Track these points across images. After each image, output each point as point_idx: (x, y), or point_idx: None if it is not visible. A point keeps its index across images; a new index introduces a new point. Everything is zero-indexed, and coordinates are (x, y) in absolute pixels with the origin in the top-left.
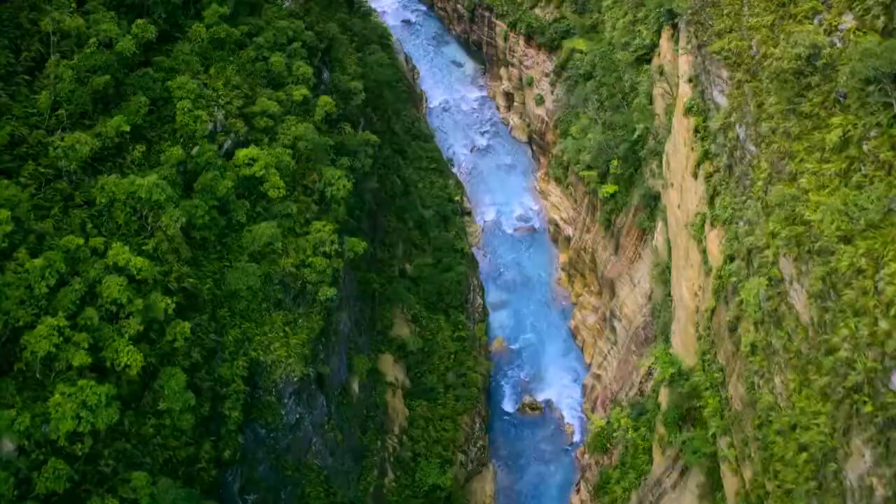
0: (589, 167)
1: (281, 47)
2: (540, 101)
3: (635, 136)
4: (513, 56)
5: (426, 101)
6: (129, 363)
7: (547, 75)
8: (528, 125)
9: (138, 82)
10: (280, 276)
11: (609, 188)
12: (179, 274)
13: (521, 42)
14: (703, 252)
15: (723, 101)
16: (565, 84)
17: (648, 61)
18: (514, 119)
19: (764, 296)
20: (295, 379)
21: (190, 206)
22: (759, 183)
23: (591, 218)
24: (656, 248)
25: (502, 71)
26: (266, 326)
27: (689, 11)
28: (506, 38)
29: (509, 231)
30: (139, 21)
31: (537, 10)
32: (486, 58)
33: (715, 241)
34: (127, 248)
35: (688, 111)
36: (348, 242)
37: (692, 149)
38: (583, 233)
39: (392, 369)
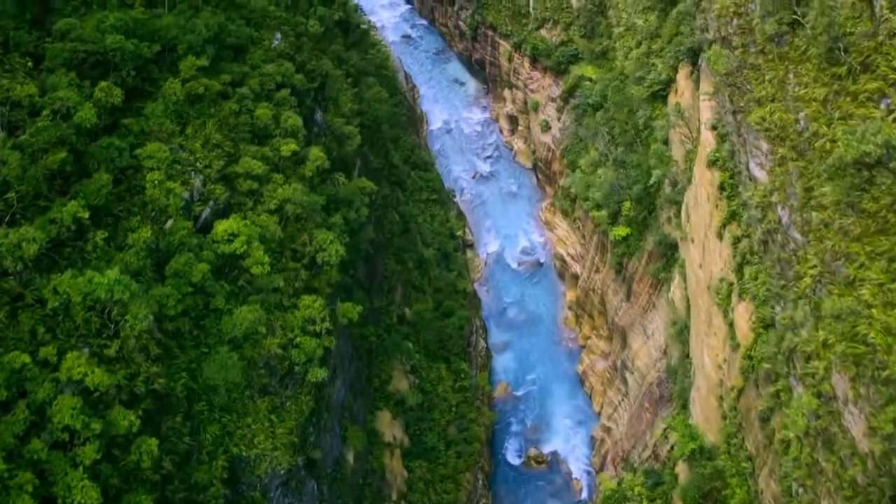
0: (598, 205)
1: (268, 95)
2: (546, 127)
3: (652, 181)
4: (517, 78)
5: (426, 122)
6: (83, 502)
7: (553, 100)
8: (534, 152)
9: (101, 154)
10: (265, 359)
11: (621, 231)
12: (148, 375)
13: (526, 64)
14: (730, 325)
15: (761, 175)
16: (573, 112)
17: (664, 97)
18: (518, 144)
19: (812, 411)
20: (282, 472)
21: (160, 296)
22: (807, 279)
23: (601, 258)
24: (673, 303)
25: (506, 92)
26: (249, 417)
27: (724, 73)
28: (510, 59)
29: (513, 265)
30: (103, 84)
31: (543, 32)
32: (489, 78)
33: (744, 315)
34: (84, 357)
35: (712, 164)
36: (341, 308)
37: (716, 206)
38: (591, 272)
39: (390, 427)
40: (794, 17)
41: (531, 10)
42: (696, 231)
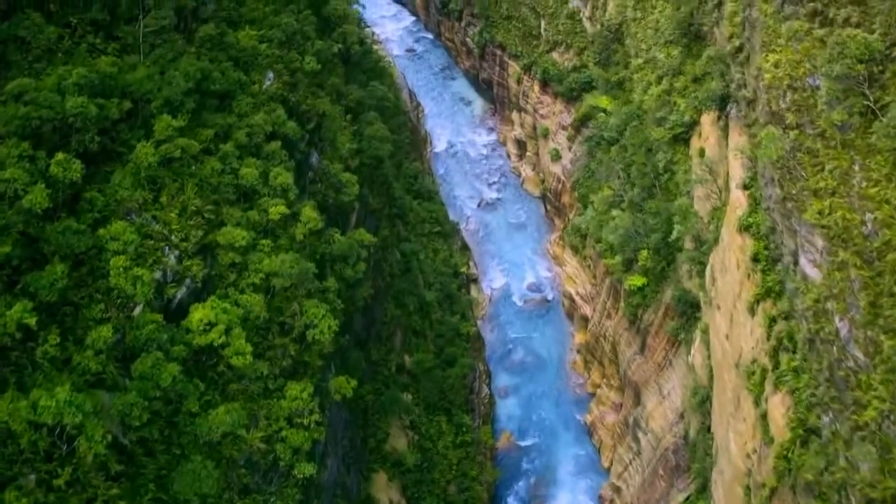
0: (611, 247)
1: (256, 149)
2: (556, 156)
3: (673, 236)
4: (526, 101)
5: (430, 143)
6: None
7: (564, 128)
8: (542, 181)
9: (57, 239)
10: (246, 455)
11: (636, 280)
12: (107, 499)
13: (536, 87)
14: (763, 416)
15: (814, 274)
16: (586, 144)
17: (686, 140)
18: (526, 170)
19: None
20: None
21: (123, 405)
22: (871, 412)
23: (613, 304)
24: (693, 368)
25: (514, 115)
26: None
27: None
28: (519, 81)
29: (519, 302)
30: (60, 157)
31: (555, 55)
32: (497, 99)
33: (779, 408)
34: (30, 485)
35: (744, 229)
36: (334, 384)
37: (748, 276)
38: (603, 317)
39: (386, 491)
40: (867, 103)
41: (542, 31)
42: (722, 298)
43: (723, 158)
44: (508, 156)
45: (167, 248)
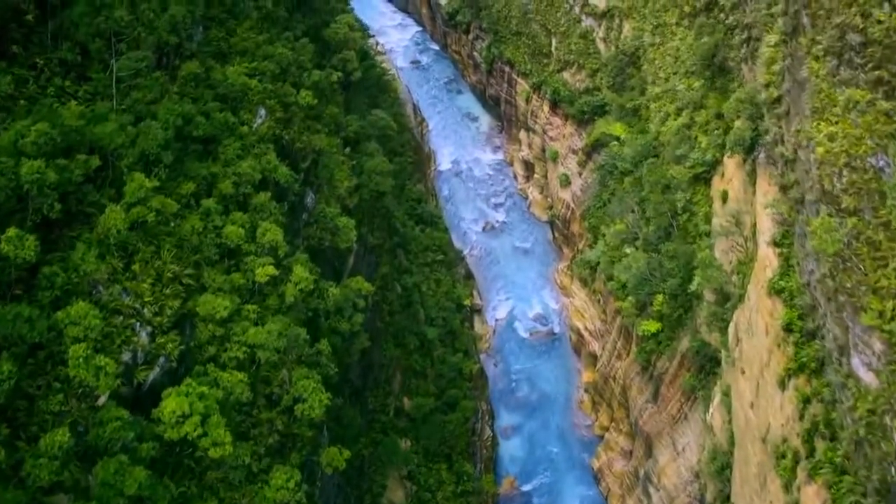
0: (623, 287)
1: (243, 199)
2: (565, 181)
3: (693, 288)
4: (535, 121)
5: (434, 161)
6: None
7: (574, 152)
8: (550, 206)
9: (5, 329)
10: None
11: (650, 326)
12: None
13: (546, 108)
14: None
15: (869, 378)
16: (598, 172)
17: (707, 179)
18: (533, 193)
19: None
20: None
21: None
22: None
23: (625, 344)
24: (712, 429)
25: (522, 134)
26: None
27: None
28: (528, 100)
29: (524, 335)
30: (12, 233)
31: (566, 75)
32: (504, 116)
33: (814, 501)
34: None
35: (775, 293)
36: (325, 456)
37: (778, 345)
38: (612, 357)
39: None
40: None
41: (553, 49)
42: (748, 362)
43: (748, 205)
44: (515, 177)
45: (138, 324)
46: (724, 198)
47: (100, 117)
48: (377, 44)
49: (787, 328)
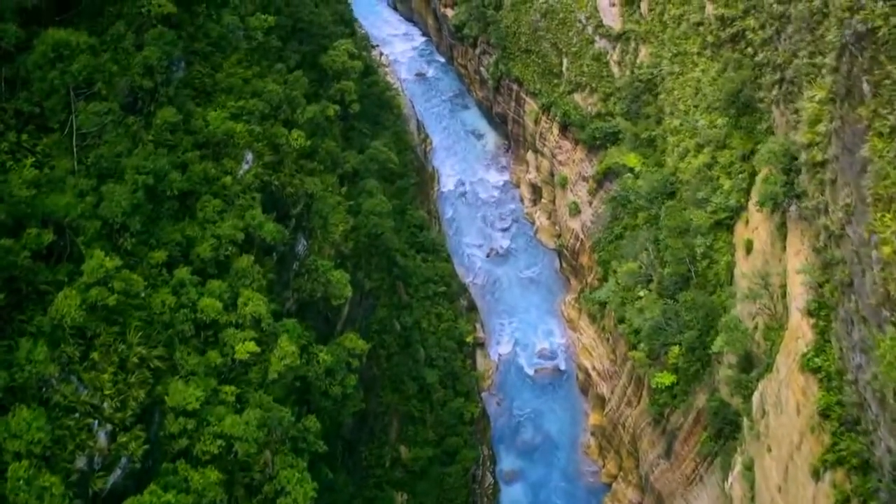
0: (636, 332)
1: (224, 263)
2: (575, 210)
3: (715, 348)
4: (543, 143)
5: (438, 181)
6: None
7: (585, 179)
8: (558, 235)
9: None
10: None
11: (664, 378)
12: None
13: (555, 130)
14: None
15: None
16: (610, 205)
17: (729, 226)
18: (540, 219)
19: None
20: None
21: None
22: None
23: (635, 391)
24: (731, 501)
25: (530, 156)
26: None
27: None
28: (536, 121)
29: (529, 371)
30: None
31: (577, 97)
32: (511, 135)
33: None
34: None
35: (810, 371)
36: None
37: (812, 430)
38: (622, 403)
39: None
40: None
41: (564, 70)
42: (775, 441)
43: (776, 261)
44: (521, 199)
45: (96, 423)
46: (749, 248)
47: (56, 181)
48: (381, 55)
49: (824, 414)
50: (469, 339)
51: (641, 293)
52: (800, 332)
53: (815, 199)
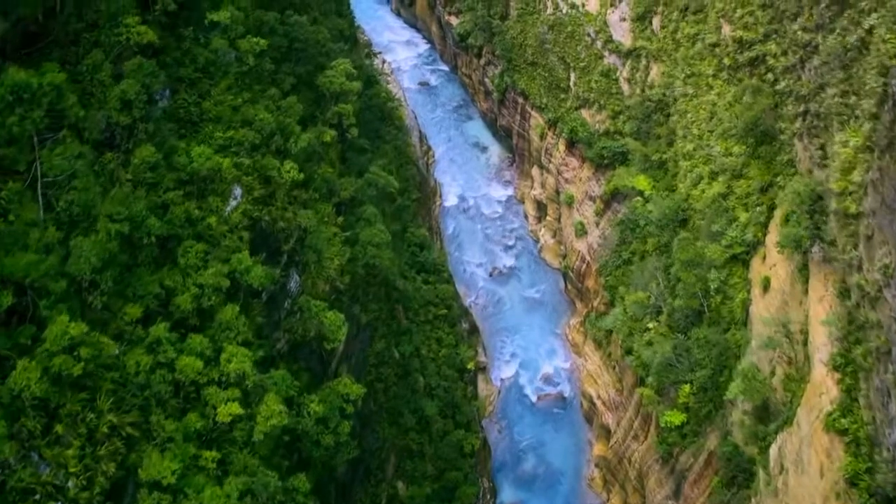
0: (643, 364)
1: (209, 311)
2: (581, 230)
3: (729, 395)
4: (549, 160)
5: (440, 195)
6: None
7: (592, 199)
8: (564, 256)
9: None
10: None
11: (674, 417)
12: None
13: (562, 147)
14: None
15: None
16: (618, 228)
17: (745, 261)
18: (545, 237)
19: None
20: None
21: None
22: None
23: (642, 426)
24: None
25: (535, 171)
26: None
27: None
28: (542, 136)
29: (532, 398)
30: None
31: (584, 113)
32: (516, 149)
33: None
34: None
35: (835, 432)
36: None
37: (838, 495)
38: (628, 436)
39: None
40: None
41: (572, 85)
42: (795, 501)
43: (796, 304)
44: (526, 216)
45: None
46: (766, 285)
47: (16, 236)
48: (383, 62)
49: (851, 482)
50: (470, 365)
51: (650, 325)
52: (823, 388)
53: (847, 252)
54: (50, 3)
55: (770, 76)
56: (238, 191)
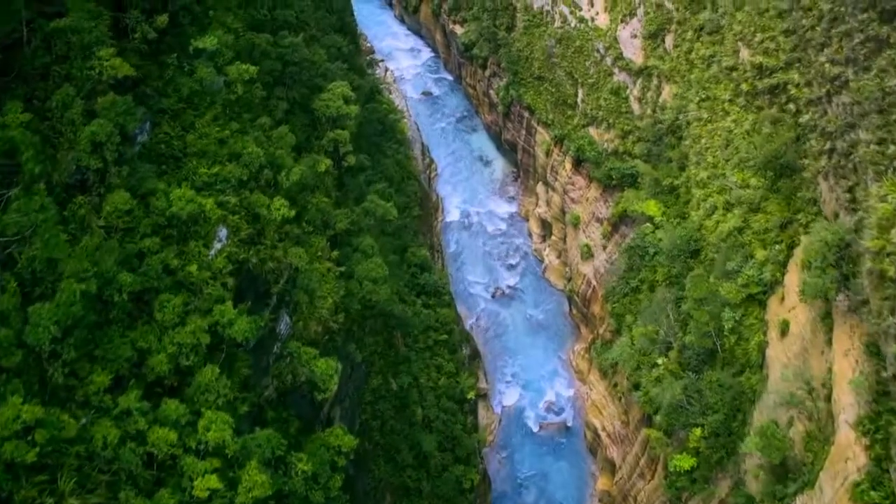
0: (650, 401)
1: (189, 371)
2: (587, 253)
3: (744, 449)
4: (555, 177)
5: (442, 211)
6: None
7: (599, 221)
8: (569, 279)
9: None
10: None
11: (684, 462)
12: None
13: (568, 165)
14: None
15: None
16: (626, 254)
17: (762, 301)
18: (550, 257)
19: None
20: None
21: None
22: None
23: (649, 464)
24: None
25: (540, 188)
26: None
27: None
28: (548, 153)
29: (534, 427)
30: None
31: (592, 131)
32: (521, 165)
33: None
34: None
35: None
36: None
37: None
38: (634, 474)
39: None
40: None
41: (580, 102)
42: None
43: (818, 353)
44: (530, 234)
45: None
46: (785, 329)
47: None
48: (386, 70)
49: None
50: (471, 395)
51: (659, 360)
52: (850, 452)
53: (883, 318)
54: (16, 34)
55: (792, 106)
56: (223, 232)
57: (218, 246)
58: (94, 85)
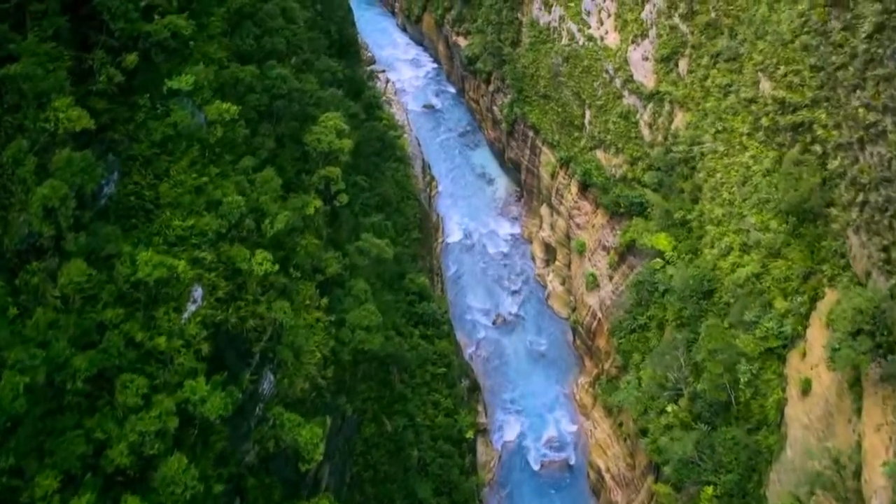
0: (658, 450)
1: (155, 459)
2: (593, 283)
3: None
4: (560, 201)
5: (443, 231)
6: None
7: (605, 250)
8: (573, 307)
9: None
10: None
11: None
12: None
13: (574, 189)
14: None
15: None
16: (634, 289)
17: (781, 355)
18: (553, 283)
19: None
20: None
21: None
22: None
23: None
24: None
25: (544, 210)
26: None
27: None
28: (553, 175)
29: (535, 465)
30: None
31: (600, 155)
32: (525, 185)
33: None
34: None
35: None
36: None
37: None
38: None
39: None
40: None
41: (587, 123)
42: None
43: (844, 421)
44: (533, 258)
45: None
46: (806, 388)
47: None
48: (388, 81)
49: None
50: (469, 434)
51: (668, 408)
52: None
53: None
54: None
55: (818, 148)
56: (198, 292)
57: (192, 308)
58: (50, 138)
